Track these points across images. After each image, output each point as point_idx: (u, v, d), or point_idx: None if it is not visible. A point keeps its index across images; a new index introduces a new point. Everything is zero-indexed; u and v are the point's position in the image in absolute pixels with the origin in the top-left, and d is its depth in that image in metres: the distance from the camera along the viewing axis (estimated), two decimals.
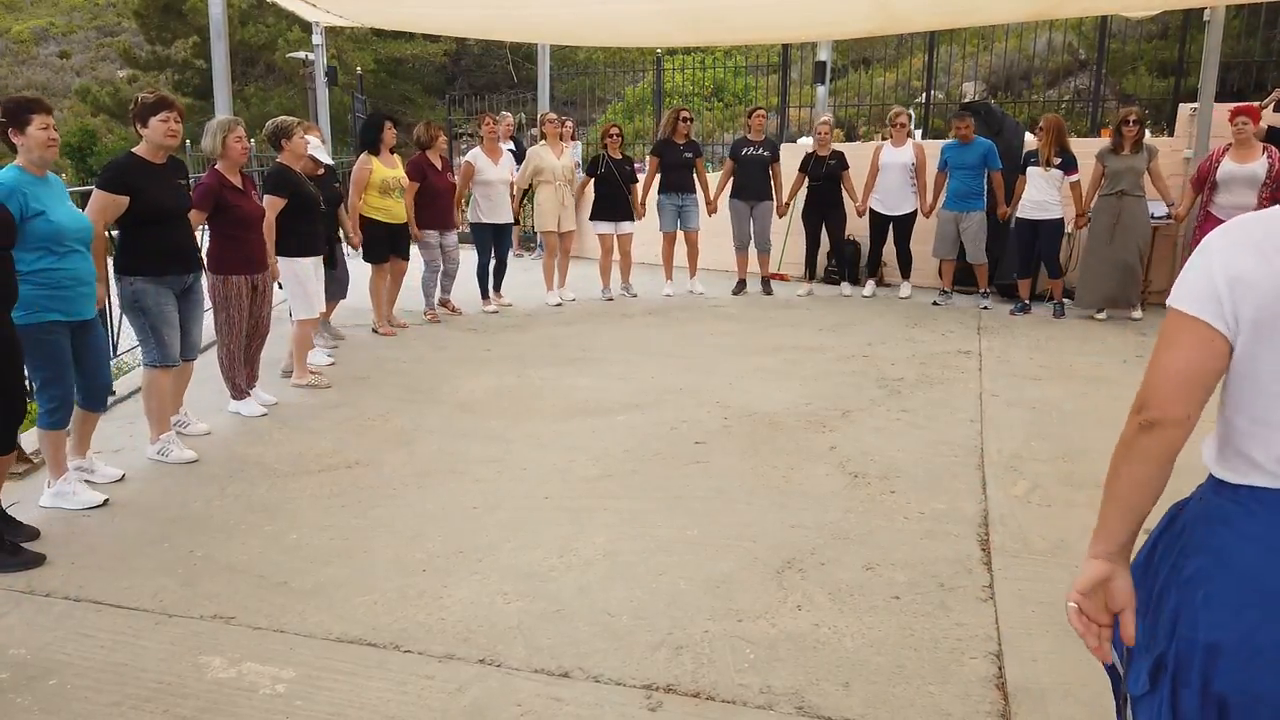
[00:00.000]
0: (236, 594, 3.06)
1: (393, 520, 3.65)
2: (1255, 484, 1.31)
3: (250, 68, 22.94)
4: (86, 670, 2.63)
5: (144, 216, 4.09)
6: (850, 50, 16.05)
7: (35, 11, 35.80)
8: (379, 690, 2.53)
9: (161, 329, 4.20)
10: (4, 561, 3.21)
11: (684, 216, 8.43)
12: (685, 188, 8.37)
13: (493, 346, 6.59)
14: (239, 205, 4.70)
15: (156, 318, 4.18)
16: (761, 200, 8.43)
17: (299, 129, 5.36)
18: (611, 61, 19.73)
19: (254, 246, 4.83)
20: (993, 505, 3.77)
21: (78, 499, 3.76)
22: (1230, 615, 1.28)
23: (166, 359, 4.24)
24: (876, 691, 2.52)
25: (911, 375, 5.75)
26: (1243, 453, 1.32)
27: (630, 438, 4.59)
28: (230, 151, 4.67)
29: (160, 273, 4.16)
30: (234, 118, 4.84)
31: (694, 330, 7.14)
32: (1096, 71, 11.04)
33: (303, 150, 5.41)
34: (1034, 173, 7.40)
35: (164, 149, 4.19)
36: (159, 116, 4.11)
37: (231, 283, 4.75)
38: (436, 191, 7.12)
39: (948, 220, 7.89)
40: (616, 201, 8.24)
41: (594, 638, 2.78)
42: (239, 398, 4.96)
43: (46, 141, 3.53)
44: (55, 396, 3.69)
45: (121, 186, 4.03)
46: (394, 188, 6.75)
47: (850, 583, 3.13)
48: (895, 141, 8.14)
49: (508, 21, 9.37)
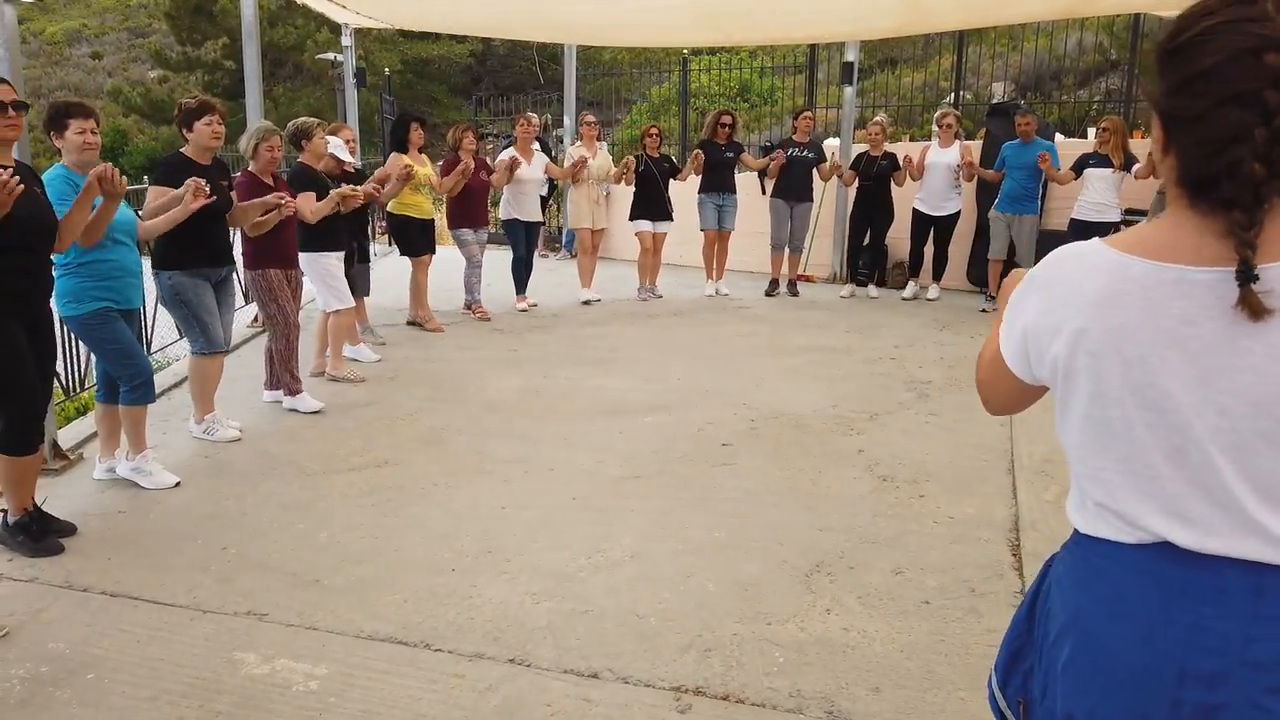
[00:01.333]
0: (269, 591, 3.09)
1: (422, 519, 3.68)
2: (1107, 537, 1.16)
3: (279, 69, 23.16)
4: (124, 665, 2.67)
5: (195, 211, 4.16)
6: (877, 50, 15.95)
7: (68, 13, 36.33)
8: (410, 688, 2.55)
9: (204, 317, 4.37)
10: (28, 546, 3.32)
11: (722, 216, 8.47)
12: (726, 187, 8.42)
13: (520, 347, 6.61)
14: None
15: (198, 308, 4.34)
16: (802, 201, 8.46)
17: (319, 130, 5.47)
18: (637, 62, 19.73)
19: (286, 243, 4.98)
20: (1024, 510, 3.74)
21: (153, 479, 3.95)
22: (1080, 686, 1.16)
23: (214, 345, 4.43)
24: (907, 697, 2.51)
25: (940, 378, 5.71)
26: (1093, 501, 1.19)
27: (657, 439, 4.60)
28: (260, 158, 4.84)
29: (197, 265, 4.31)
30: (275, 128, 4.98)
31: (721, 331, 7.13)
32: (1129, 72, 10.93)
33: (322, 150, 5.52)
34: (1097, 174, 7.21)
35: (209, 150, 4.35)
36: (203, 120, 4.28)
37: (271, 275, 4.89)
38: (470, 190, 7.23)
39: (998, 221, 7.77)
40: (656, 200, 8.32)
41: (623, 639, 2.79)
42: (297, 390, 5.04)
43: (83, 145, 3.63)
44: (133, 374, 3.87)
45: (176, 181, 4.14)
46: (424, 184, 6.86)
47: (880, 587, 3.11)
48: (943, 142, 8.07)
49: (535, 21, 9.40)
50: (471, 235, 7.36)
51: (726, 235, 8.57)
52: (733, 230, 8.55)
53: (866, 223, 8.45)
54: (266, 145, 4.84)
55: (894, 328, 7.20)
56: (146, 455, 3.99)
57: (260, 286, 4.93)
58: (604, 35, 11.23)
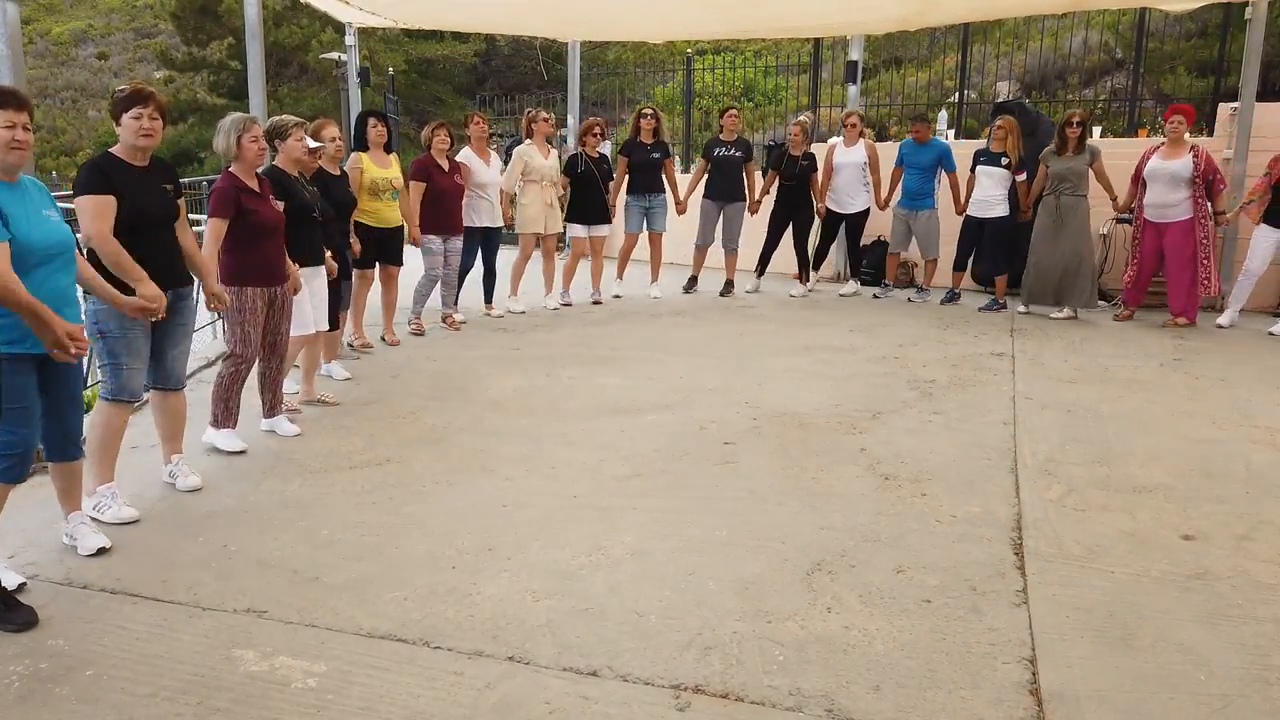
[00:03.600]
0: (269, 589, 3.09)
1: (423, 517, 3.67)
2: None
3: (284, 69, 23.18)
4: (123, 661, 2.66)
5: (125, 222, 3.52)
6: (881, 49, 15.94)
7: (74, 14, 36.45)
8: (409, 685, 2.55)
9: (122, 354, 3.58)
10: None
11: (650, 218, 8.37)
12: (653, 189, 8.30)
13: (522, 345, 6.61)
14: (256, 210, 4.27)
15: (117, 341, 3.56)
16: (733, 201, 8.48)
17: (296, 129, 4.83)
18: (641, 62, 19.74)
19: (272, 256, 4.39)
20: (1026, 509, 3.73)
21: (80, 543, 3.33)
22: None
23: (121, 392, 3.61)
24: (908, 696, 2.49)
25: (943, 377, 5.70)
26: None
27: (659, 437, 4.59)
28: (245, 153, 4.22)
29: (128, 289, 3.48)
30: (250, 116, 4.35)
31: (723, 330, 7.12)
32: (1134, 71, 10.89)
33: (299, 152, 4.85)
34: (985, 170, 7.77)
35: (139, 150, 3.60)
36: (131, 113, 3.53)
37: (246, 295, 4.29)
38: (442, 193, 6.70)
39: (898, 218, 8.30)
40: (592, 204, 7.99)
41: (623, 636, 2.78)
42: (225, 424, 4.41)
43: (9, 143, 2.91)
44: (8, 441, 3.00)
45: (105, 185, 3.47)
46: (384, 189, 6.25)
47: (881, 585, 3.10)
48: (848, 141, 8.38)
49: (540, 16, 9.37)
50: (438, 244, 6.77)
51: (659, 237, 8.48)
52: (664, 231, 8.47)
53: (788, 221, 8.61)
54: (250, 136, 4.20)
55: (897, 327, 7.19)
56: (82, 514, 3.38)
57: (231, 303, 4.27)
58: (610, 30, 11.21)
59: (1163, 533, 3.52)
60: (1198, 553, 3.35)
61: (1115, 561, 3.28)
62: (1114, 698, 2.47)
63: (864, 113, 8.80)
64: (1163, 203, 7.03)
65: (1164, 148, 7.09)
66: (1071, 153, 7.29)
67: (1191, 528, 3.56)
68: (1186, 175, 6.89)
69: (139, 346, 3.63)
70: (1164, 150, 7.08)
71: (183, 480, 3.95)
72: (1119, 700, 2.46)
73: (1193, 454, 4.36)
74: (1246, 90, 7.79)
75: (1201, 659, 2.66)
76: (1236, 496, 3.86)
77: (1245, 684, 2.54)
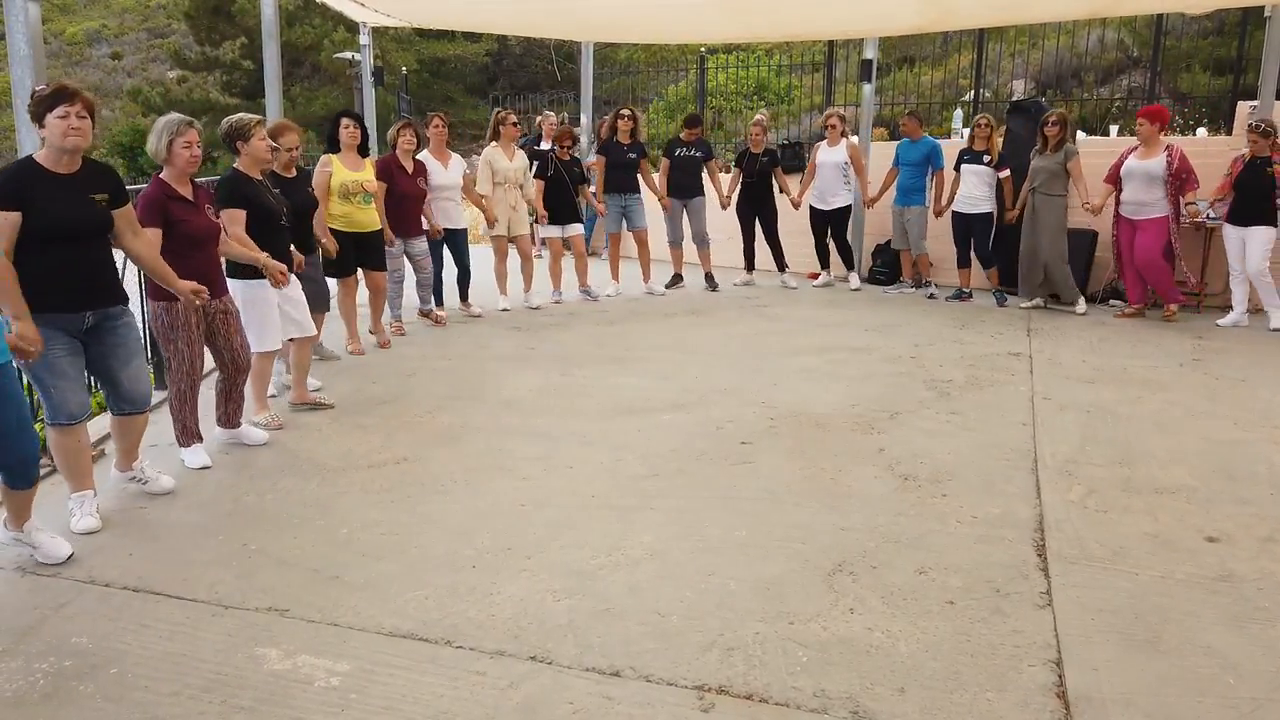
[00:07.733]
0: (290, 587, 3.09)
1: (442, 516, 3.67)
2: None
3: (297, 68, 23.23)
4: (146, 659, 2.67)
5: (38, 236, 3.25)
6: (895, 48, 15.87)
7: (88, 14, 36.62)
8: (432, 685, 2.54)
9: (47, 379, 3.35)
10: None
11: (629, 216, 8.39)
12: (629, 188, 8.34)
13: (537, 345, 6.61)
14: (186, 220, 3.98)
15: (39, 366, 3.29)
16: (693, 196, 8.61)
17: (259, 128, 4.58)
18: (653, 61, 19.71)
19: (205, 267, 4.08)
20: (1048, 510, 3.70)
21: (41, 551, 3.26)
22: None
23: (58, 415, 3.40)
24: (933, 698, 2.48)
25: (961, 377, 5.67)
26: None
27: (676, 437, 4.58)
28: (176, 159, 3.91)
29: (44, 308, 3.23)
30: (187, 118, 3.96)
31: (738, 330, 7.11)
32: (1151, 69, 10.82)
33: (263, 154, 4.64)
34: (969, 169, 7.96)
35: (65, 153, 3.31)
36: (56, 112, 3.25)
37: (176, 310, 3.98)
38: (402, 195, 6.57)
39: (895, 215, 8.49)
40: (564, 205, 7.97)
41: (644, 637, 2.77)
42: (188, 443, 4.23)
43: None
44: None
45: (9, 199, 3.20)
46: (355, 192, 6.11)
47: (903, 586, 3.08)
48: (830, 141, 8.62)
49: (555, 18, 9.36)
50: (397, 246, 6.65)
51: (642, 233, 8.46)
52: (645, 228, 8.46)
53: (754, 215, 8.91)
54: (183, 142, 3.88)
55: (913, 326, 7.16)
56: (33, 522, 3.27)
57: (162, 322, 3.99)
58: (626, 32, 11.21)
59: (1186, 534, 3.49)
60: (1222, 555, 3.32)
61: (1139, 563, 3.25)
62: (1141, 701, 2.45)
63: (845, 114, 8.98)
64: (1138, 201, 7.26)
65: (1140, 148, 7.28)
66: (1049, 151, 7.50)
67: (1215, 529, 3.53)
68: (1160, 174, 7.10)
69: (63, 366, 3.37)
70: (1140, 150, 7.27)
71: (156, 482, 3.90)
72: (1146, 703, 2.44)
73: (1214, 455, 4.32)
74: (1266, 88, 7.74)
75: (1229, 662, 2.64)
76: (1260, 498, 3.83)
77: (1275, 687, 2.51)
